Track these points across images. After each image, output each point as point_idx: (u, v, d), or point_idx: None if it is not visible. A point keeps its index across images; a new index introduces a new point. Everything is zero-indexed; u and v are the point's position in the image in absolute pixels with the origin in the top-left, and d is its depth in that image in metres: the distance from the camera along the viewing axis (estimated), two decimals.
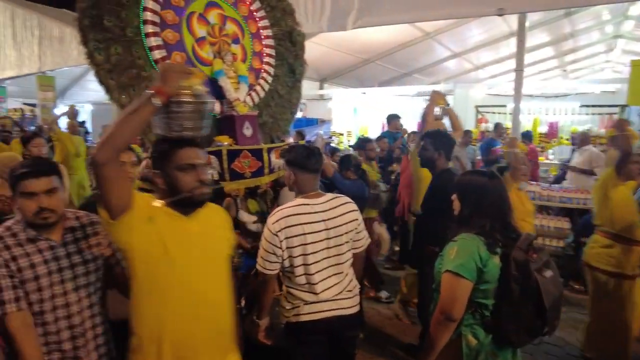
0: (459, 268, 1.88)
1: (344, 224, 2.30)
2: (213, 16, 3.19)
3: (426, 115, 4.10)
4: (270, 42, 3.64)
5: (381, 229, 5.06)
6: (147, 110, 1.53)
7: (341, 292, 2.29)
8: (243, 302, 2.85)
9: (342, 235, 2.28)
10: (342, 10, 6.69)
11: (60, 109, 16.00)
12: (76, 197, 6.19)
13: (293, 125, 6.01)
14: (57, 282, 1.74)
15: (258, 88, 3.51)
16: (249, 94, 3.38)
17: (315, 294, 2.22)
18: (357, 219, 2.38)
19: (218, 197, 2.76)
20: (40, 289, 1.70)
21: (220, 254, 1.83)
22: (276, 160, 3.25)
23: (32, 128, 13.82)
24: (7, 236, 1.72)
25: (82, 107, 16.66)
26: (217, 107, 3.18)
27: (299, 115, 10.99)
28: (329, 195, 2.37)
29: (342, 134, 10.87)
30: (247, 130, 3.23)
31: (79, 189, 6.42)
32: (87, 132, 14.11)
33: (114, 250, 1.93)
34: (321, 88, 12.75)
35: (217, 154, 2.91)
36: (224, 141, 3.12)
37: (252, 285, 2.90)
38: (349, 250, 2.35)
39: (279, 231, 2.18)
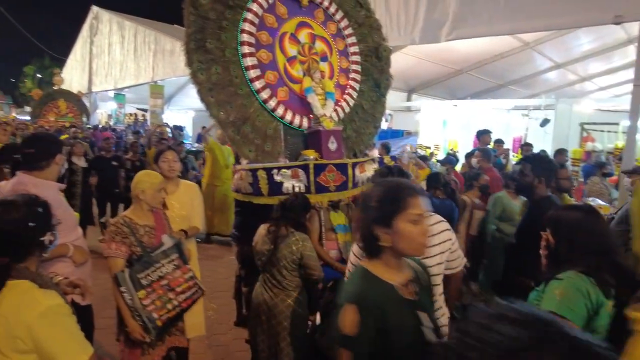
0: (567, 312, 1.63)
1: (437, 244, 2.22)
2: (303, 35, 3.35)
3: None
4: (356, 58, 3.72)
5: None
6: None
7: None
8: (318, 317, 2.88)
9: (433, 256, 2.21)
10: (436, 22, 6.52)
11: (166, 114, 17.82)
12: (220, 207, 6.51)
13: (377, 136, 5.99)
14: None
15: (343, 103, 3.58)
16: (335, 110, 3.45)
17: None
18: (450, 239, 2.26)
19: (303, 209, 2.86)
20: None
21: None
22: (360, 175, 3.26)
23: (141, 131, 15.57)
24: None
25: (185, 112, 18.33)
26: (304, 122, 3.30)
27: (383, 126, 10.91)
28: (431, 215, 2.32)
29: (429, 148, 10.50)
30: (332, 145, 3.30)
31: (225, 198, 6.47)
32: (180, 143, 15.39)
33: None
34: (409, 99, 12.52)
35: (305, 167, 3.02)
36: (310, 155, 3.23)
37: (329, 298, 2.93)
38: (440, 274, 2.25)
39: None
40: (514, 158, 8.49)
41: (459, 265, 2.33)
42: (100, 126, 17.46)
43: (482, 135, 7.08)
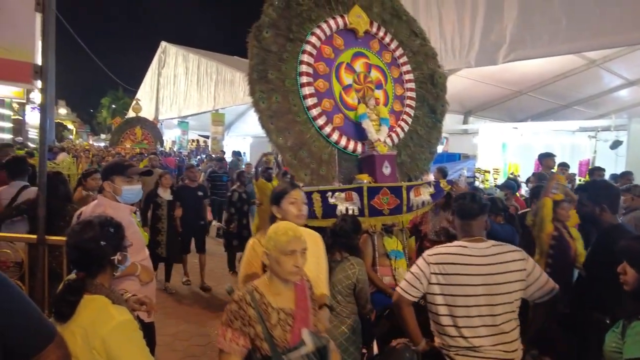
0: None
1: (505, 272, 2.15)
2: (359, 65, 3.46)
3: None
4: (411, 85, 3.78)
5: None
6: None
7: (494, 345, 2.09)
8: (375, 347, 2.82)
9: (500, 284, 2.13)
10: (493, 45, 6.41)
11: (226, 140, 18.71)
12: None
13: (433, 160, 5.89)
14: None
15: (398, 129, 3.62)
16: (389, 135, 3.48)
17: (463, 337, 2.08)
18: (524, 269, 2.15)
19: (354, 231, 2.85)
20: None
21: None
22: (415, 198, 3.23)
23: (204, 156, 16.42)
24: None
25: (244, 138, 19.15)
26: (359, 147, 3.36)
27: (439, 149, 10.69)
28: (492, 242, 2.25)
29: (488, 172, 10.12)
30: (386, 169, 3.32)
31: None
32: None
33: None
34: (465, 122, 12.24)
35: (359, 190, 3.05)
36: (364, 179, 3.26)
37: (383, 328, 2.86)
38: (508, 303, 2.13)
39: (434, 263, 2.15)
40: (580, 183, 7.98)
41: (543, 295, 2.19)
42: (165, 152, 18.60)
43: (545, 158, 6.73)
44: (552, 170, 6.57)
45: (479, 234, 2.23)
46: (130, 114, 18.96)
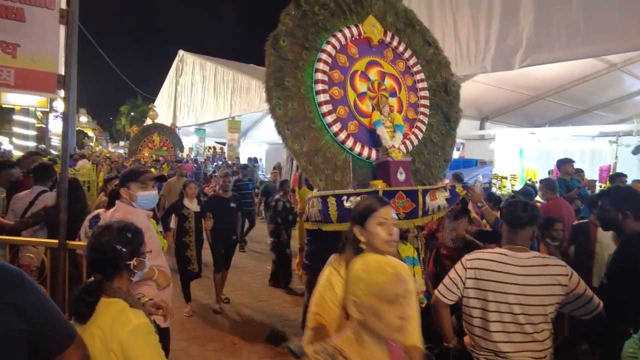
0: None
1: (543, 285, 2.10)
2: (373, 73, 3.48)
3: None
4: (425, 93, 3.79)
5: None
6: None
7: (522, 352, 2.08)
8: None
9: (536, 296, 2.09)
10: (509, 49, 6.35)
11: (242, 146, 18.92)
12: None
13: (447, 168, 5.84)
14: None
15: (412, 137, 3.62)
16: (403, 142, 3.48)
17: (492, 341, 2.11)
18: (565, 285, 2.09)
19: None
20: None
21: None
22: (431, 202, 3.21)
23: (220, 163, 16.61)
24: None
25: (259, 145, 19.34)
26: (373, 154, 3.36)
27: (455, 155, 10.60)
28: (535, 254, 2.21)
29: (505, 178, 9.98)
30: (401, 175, 3.31)
31: None
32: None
33: None
34: (482, 127, 12.12)
35: (374, 194, 3.04)
36: (379, 185, 3.26)
37: None
38: (542, 314, 2.10)
39: (470, 268, 2.20)
40: (600, 189, 7.80)
41: (587, 313, 2.13)
42: (181, 158, 18.83)
43: (563, 164, 6.61)
44: (570, 176, 6.45)
45: (523, 244, 2.23)
46: (148, 121, 19.00)
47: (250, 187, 8.95)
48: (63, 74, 2.79)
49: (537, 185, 8.20)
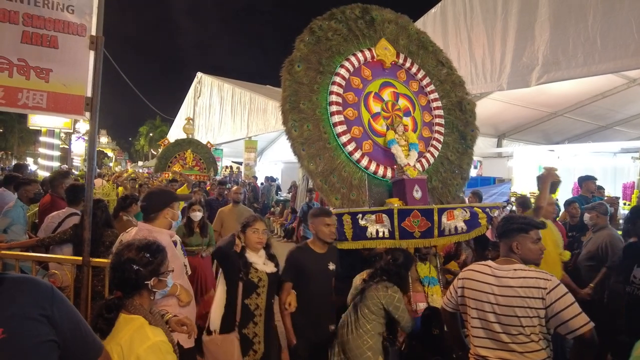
0: None
1: (515, 296, 2.07)
2: (387, 94, 3.56)
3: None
4: (439, 112, 3.83)
5: None
6: None
7: (498, 358, 2.10)
8: None
9: (507, 306, 2.08)
10: (525, 67, 6.35)
11: (259, 166, 19.12)
12: None
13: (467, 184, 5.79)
14: None
15: (428, 155, 3.64)
16: (419, 161, 3.50)
17: (475, 346, 2.24)
18: (542, 298, 2.01)
19: (407, 268, 2.89)
20: None
21: None
22: (448, 222, 3.17)
23: (239, 180, 16.77)
24: None
25: (275, 164, 19.51)
26: (388, 173, 3.38)
27: (472, 173, 10.51)
28: (520, 266, 2.16)
29: (524, 196, 9.83)
30: (417, 193, 3.31)
31: None
32: (278, 188, 15.91)
33: None
34: (499, 145, 12.00)
35: (389, 212, 3.05)
36: (395, 203, 3.26)
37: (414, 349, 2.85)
38: (518, 325, 2.05)
39: (460, 278, 2.35)
40: (624, 207, 7.61)
41: (572, 329, 1.97)
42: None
43: (585, 181, 6.48)
44: (592, 193, 6.32)
45: (506, 255, 2.27)
46: (180, 135, 15.40)
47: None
48: (90, 96, 2.90)
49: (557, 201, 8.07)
